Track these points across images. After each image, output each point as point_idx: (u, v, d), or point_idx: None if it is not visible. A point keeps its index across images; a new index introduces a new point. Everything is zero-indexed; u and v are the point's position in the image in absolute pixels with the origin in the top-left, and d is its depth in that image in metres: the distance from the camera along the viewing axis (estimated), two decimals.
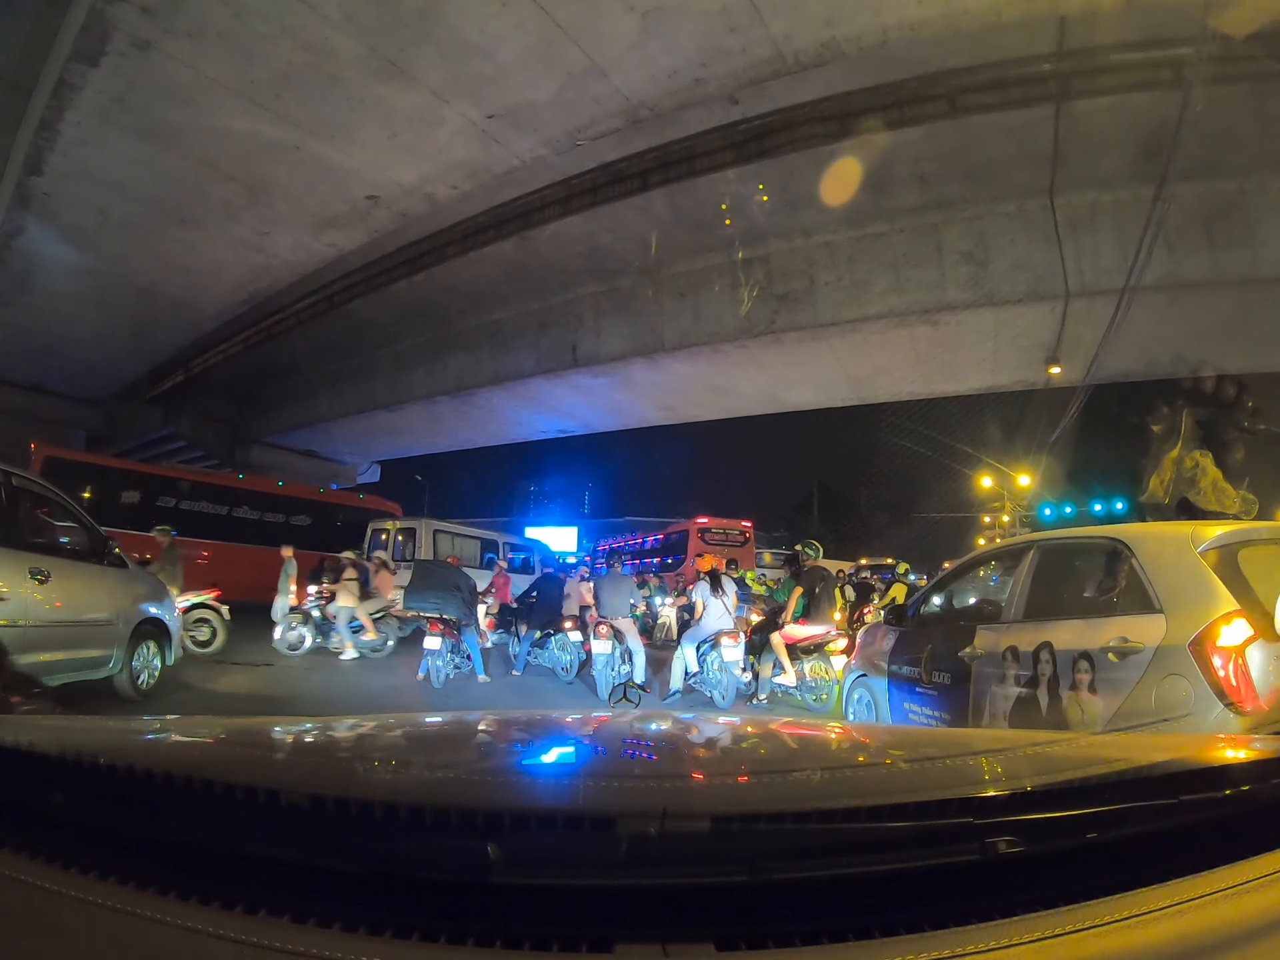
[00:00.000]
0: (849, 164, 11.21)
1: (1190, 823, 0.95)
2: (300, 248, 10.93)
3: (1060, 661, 3.53)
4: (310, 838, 0.85)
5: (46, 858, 0.88)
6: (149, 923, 0.76)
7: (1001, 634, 4.03)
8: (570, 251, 13.20)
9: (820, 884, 0.82)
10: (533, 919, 0.77)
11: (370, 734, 1.61)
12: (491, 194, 11.62)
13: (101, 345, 15.17)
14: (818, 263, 12.55)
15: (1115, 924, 0.78)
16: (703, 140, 10.99)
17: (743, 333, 12.81)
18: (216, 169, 9.16)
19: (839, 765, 1.45)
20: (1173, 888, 0.85)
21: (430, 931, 0.74)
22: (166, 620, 6.68)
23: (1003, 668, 3.87)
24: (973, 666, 4.11)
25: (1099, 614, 3.61)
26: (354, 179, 9.39)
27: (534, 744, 1.64)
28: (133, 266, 11.70)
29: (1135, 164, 10.40)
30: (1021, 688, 3.73)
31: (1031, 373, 14.60)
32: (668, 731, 1.87)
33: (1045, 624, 3.80)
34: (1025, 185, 11.20)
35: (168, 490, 15.37)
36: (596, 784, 1.17)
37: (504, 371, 15.59)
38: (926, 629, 4.96)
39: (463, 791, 1.01)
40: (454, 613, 7.90)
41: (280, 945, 0.73)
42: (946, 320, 12.24)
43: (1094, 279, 11.23)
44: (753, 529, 23.30)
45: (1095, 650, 3.36)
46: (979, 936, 0.76)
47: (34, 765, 0.98)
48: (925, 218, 12.11)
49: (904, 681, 4.80)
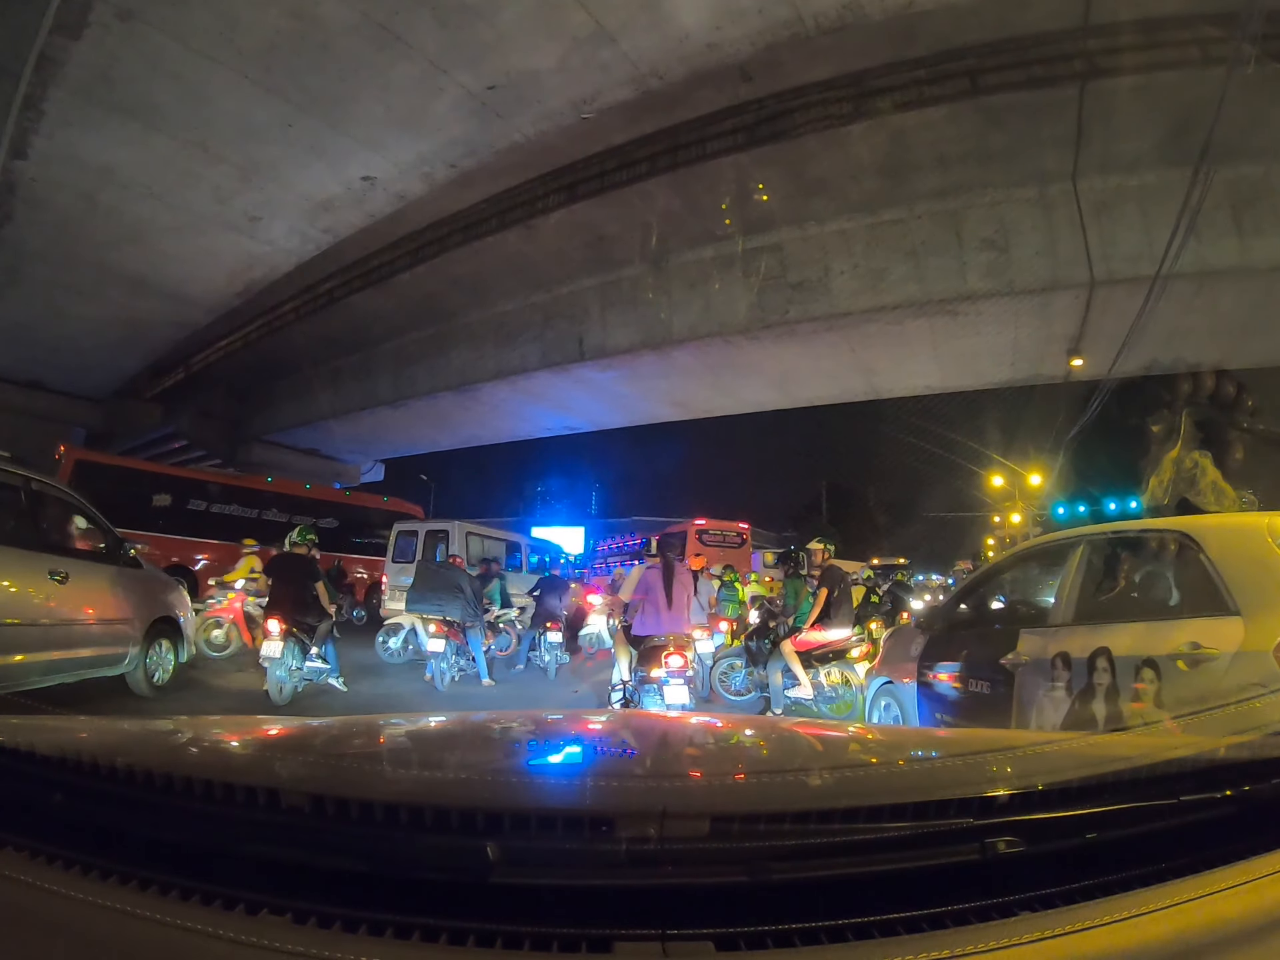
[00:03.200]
0: (865, 147, 10.90)
1: (1190, 823, 0.95)
2: (295, 233, 10.51)
3: (1120, 669, 3.18)
4: (310, 838, 0.85)
5: (47, 858, 0.88)
6: (149, 923, 0.76)
7: (1049, 639, 3.67)
8: (576, 241, 12.85)
9: (820, 884, 0.82)
10: (533, 919, 0.76)
11: (370, 734, 1.63)
12: (493, 179, 11.27)
13: (96, 340, 14.83)
14: (832, 251, 12.18)
15: (1115, 924, 0.78)
16: (713, 122, 10.66)
17: (755, 323, 12.42)
18: (205, 150, 8.76)
19: (839, 766, 1.41)
20: (1173, 888, 0.85)
21: (431, 931, 0.74)
22: (180, 619, 6.89)
23: (1052, 676, 3.51)
24: (1016, 674, 3.74)
25: (1163, 616, 3.34)
26: (348, 158, 8.96)
27: (534, 744, 1.64)
28: (123, 256, 11.30)
29: (1160, 147, 10.14)
30: (1074, 698, 3.37)
31: (1052, 366, 14.28)
32: (667, 732, 1.86)
33: (1100, 627, 3.46)
34: (1048, 169, 10.90)
35: (198, 493, 15.33)
36: (596, 784, 1.18)
37: (508, 366, 15.21)
38: (961, 633, 4.55)
39: (463, 792, 1.01)
40: (457, 614, 7.72)
41: (280, 945, 0.73)
42: (966, 310, 11.88)
43: (1119, 266, 10.90)
44: (750, 531, 23.44)
45: (1161, 657, 3.03)
46: (978, 936, 0.76)
47: (34, 765, 0.99)
48: (944, 203, 11.80)
49: (936, 689, 4.41)
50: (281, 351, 17.82)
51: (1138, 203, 10.82)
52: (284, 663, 6.59)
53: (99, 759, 0.97)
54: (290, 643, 6.66)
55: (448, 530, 13.63)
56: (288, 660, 6.61)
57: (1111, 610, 3.64)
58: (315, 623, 6.95)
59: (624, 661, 6.52)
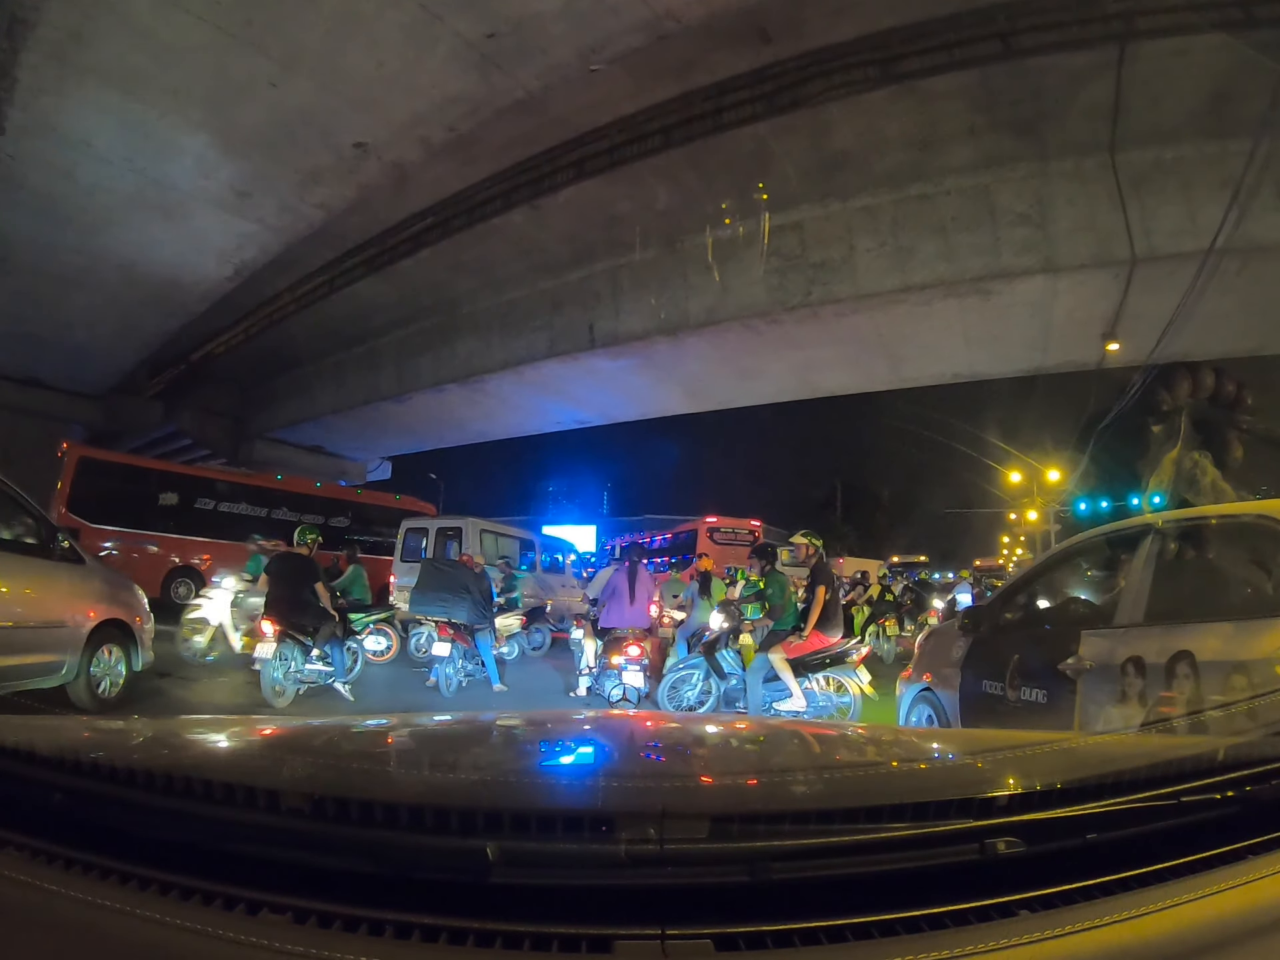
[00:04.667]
0: (891, 115, 10.41)
1: (1190, 823, 0.96)
2: (285, 209, 9.90)
3: (1205, 676, 2.76)
4: (310, 838, 0.85)
5: (47, 858, 0.88)
6: (150, 923, 0.76)
7: (1117, 641, 3.24)
8: (585, 222, 12.30)
9: (819, 884, 0.82)
10: (533, 919, 0.77)
11: (371, 734, 1.64)
12: (497, 155, 10.70)
13: (89, 332, 14.35)
14: (857, 228, 11.59)
15: (1115, 924, 0.78)
16: (730, 89, 10.08)
17: (775, 306, 11.83)
18: (186, 117, 8.16)
19: (839, 766, 1.39)
20: (1173, 887, 0.85)
21: (431, 931, 0.75)
22: (132, 622, 6.04)
23: (1122, 683, 3.08)
24: (1079, 681, 3.31)
25: (1256, 615, 2.91)
26: (338, 122, 8.30)
27: (534, 744, 1.63)
28: (109, 239, 10.74)
29: (1200, 118, 9.73)
30: (1150, 709, 2.94)
31: (1085, 351, 13.71)
32: (668, 732, 1.87)
33: (1179, 628, 3.03)
34: (1083, 140, 10.42)
35: (207, 491, 14.93)
36: (596, 784, 1.18)
37: (516, 355, 14.68)
38: (1011, 635, 4.10)
39: (463, 792, 1.01)
40: (463, 616, 7.36)
41: (281, 945, 0.73)
42: (1000, 289, 11.32)
43: (1161, 242, 10.40)
44: (762, 529, 23.29)
45: (1257, 661, 2.67)
46: (978, 937, 0.76)
47: (34, 765, 1.00)
48: (975, 177, 11.30)
49: (983, 698, 3.90)
50: (283, 345, 17.48)
51: (1178, 176, 10.36)
52: (278, 665, 6.30)
53: (99, 759, 1.00)
54: (286, 645, 6.39)
55: (460, 528, 13.04)
56: (282, 663, 6.34)
57: (1191, 608, 3.17)
58: (314, 624, 6.64)
59: (590, 649, 7.38)
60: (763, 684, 5.92)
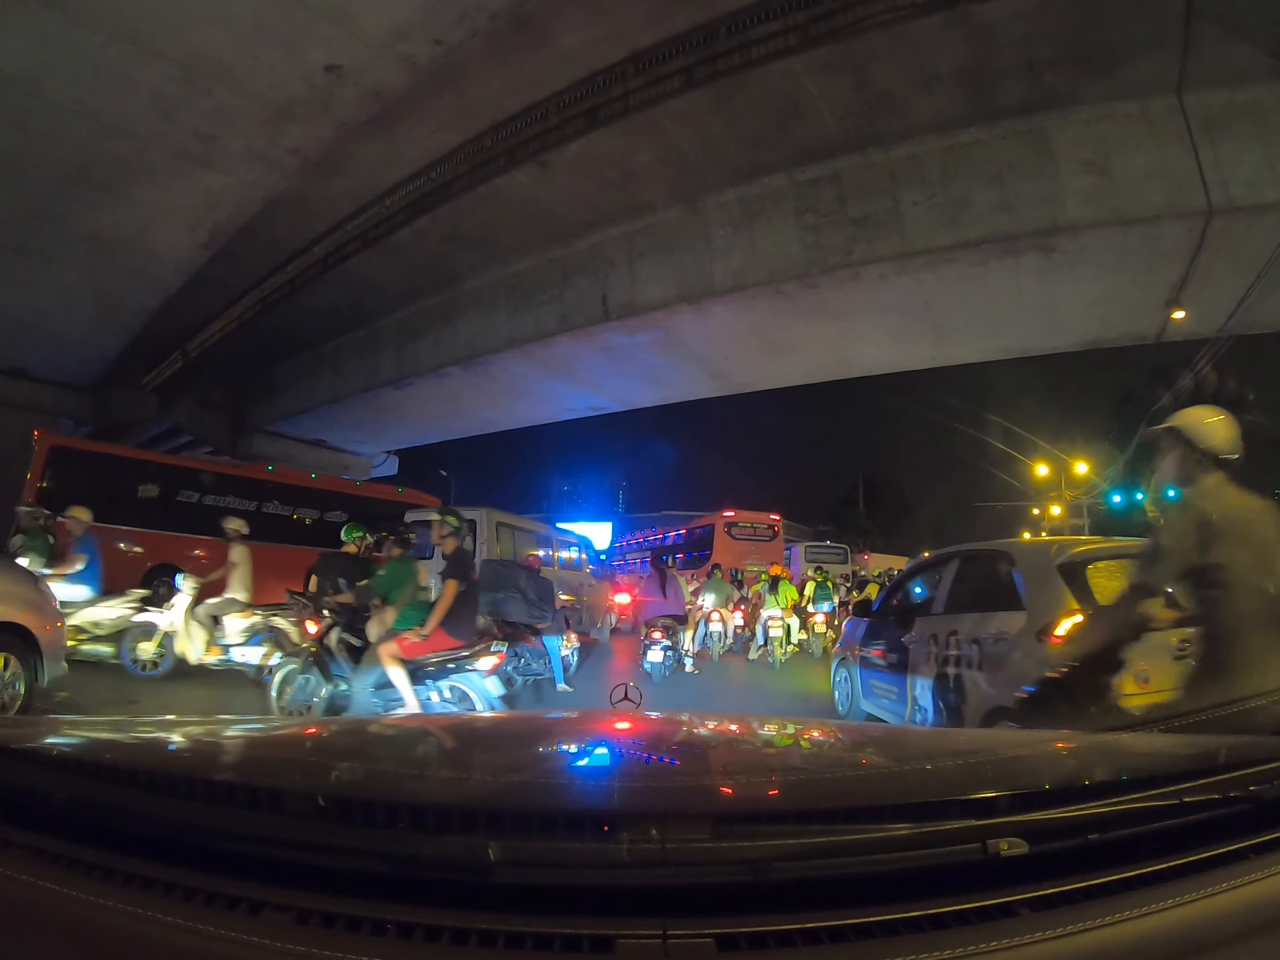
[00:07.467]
0: (939, 49, 9.23)
1: (1190, 823, 0.93)
2: (256, 156, 8.72)
3: (962, 645, 4.36)
4: (313, 838, 0.84)
5: (49, 857, 0.87)
6: (151, 922, 0.75)
7: (929, 624, 4.85)
8: (598, 179, 11.21)
9: (821, 883, 0.81)
10: (535, 918, 0.76)
11: (373, 735, 1.66)
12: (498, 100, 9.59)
13: (67, 314, 13.35)
14: (902, 179, 10.44)
15: (1116, 924, 0.77)
16: (760, 19, 8.95)
17: (812, 267, 10.69)
18: (138, 43, 6.99)
19: (841, 766, 1.39)
20: (1173, 887, 0.83)
21: (433, 931, 0.74)
22: (38, 629, 4.94)
23: (928, 649, 4.74)
24: (910, 648, 5.06)
25: (988, 609, 4.38)
26: (307, 40, 7.11)
27: (536, 744, 1.61)
28: (73, 204, 9.67)
29: (1276, 55, 8.65)
30: (937, 664, 4.60)
31: (1148, 320, 12.55)
32: (669, 732, 1.84)
33: (956, 617, 4.63)
34: (1149, 79, 9.36)
35: (189, 483, 13.59)
36: (598, 784, 1.18)
37: (523, 332, 13.63)
38: (884, 619, 5.85)
39: (465, 791, 1.02)
40: (515, 614, 7.19)
41: (283, 945, 0.72)
42: (1064, 245, 10.20)
43: (1239, 192, 9.36)
44: (781, 523, 22.80)
45: (985, 637, 4.15)
46: (980, 936, 0.75)
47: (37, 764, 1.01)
48: (1032, 120, 10.20)
49: (870, 662, 5.93)
50: (278, 333, 16.63)
51: (1253, 119, 9.37)
52: None
53: (100, 758, 1.02)
54: None
55: (475, 520, 11.89)
56: None
57: (962, 605, 4.65)
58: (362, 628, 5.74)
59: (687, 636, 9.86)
60: (373, 689, 4.88)
